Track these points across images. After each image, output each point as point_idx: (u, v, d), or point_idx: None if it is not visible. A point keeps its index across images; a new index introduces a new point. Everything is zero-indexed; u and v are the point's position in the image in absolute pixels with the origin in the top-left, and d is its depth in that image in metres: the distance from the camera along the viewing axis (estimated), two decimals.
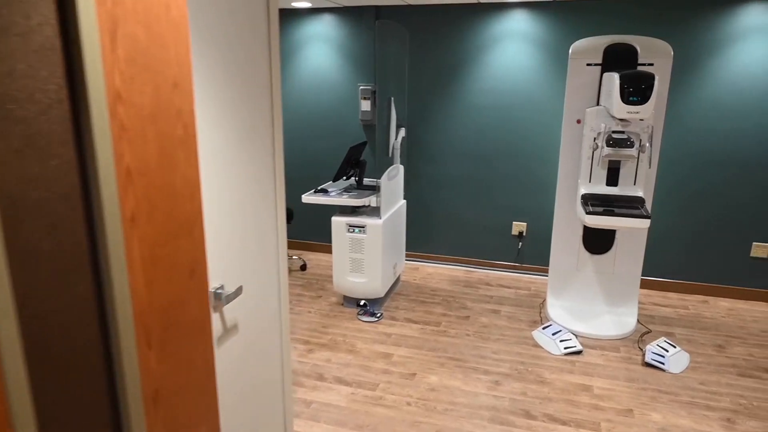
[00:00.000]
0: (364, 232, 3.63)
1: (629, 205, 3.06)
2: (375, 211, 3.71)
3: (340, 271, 3.77)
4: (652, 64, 3.17)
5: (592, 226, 2.99)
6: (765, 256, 3.94)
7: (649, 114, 2.69)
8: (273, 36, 1.48)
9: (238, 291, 1.37)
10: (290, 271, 4.61)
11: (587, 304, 3.69)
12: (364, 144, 3.93)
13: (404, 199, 4.37)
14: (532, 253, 4.49)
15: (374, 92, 4.41)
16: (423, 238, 4.74)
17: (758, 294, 4.01)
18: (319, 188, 3.84)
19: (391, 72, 4.37)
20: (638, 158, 3.06)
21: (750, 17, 3.60)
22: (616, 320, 3.54)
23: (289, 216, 4.42)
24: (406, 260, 4.82)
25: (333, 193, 3.75)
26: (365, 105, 4.44)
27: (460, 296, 4.09)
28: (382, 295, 3.76)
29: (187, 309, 0.88)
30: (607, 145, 2.99)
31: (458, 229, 4.62)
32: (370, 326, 3.59)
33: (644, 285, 4.25)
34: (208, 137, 1.25)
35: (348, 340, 3.39)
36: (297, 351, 3.24)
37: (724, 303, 4.00)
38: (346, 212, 3.75)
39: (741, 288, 4.04)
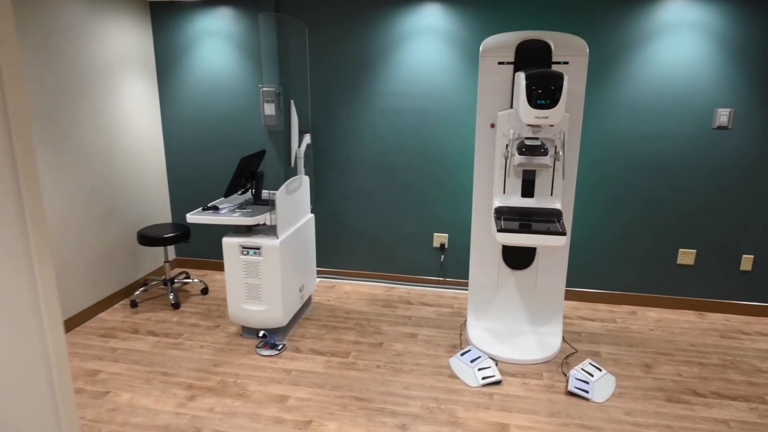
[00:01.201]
0: (259, 254, 3.19)
1: (546, 219, 2.76)
2: (272, 230, 3.28)
3: (235, 298, 3.31)
4: (567, 63, 2.88)
5: (506, 244, 2.66)
6: (691, 263, 3.77)
7: (560, 118, 2.38)
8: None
9: None
10: (189, 296, 4.09)
11: (510, 324, 3.39)
12: (260, 154, 3.48)
13: (312, 213, 3.95)
14: (456, 267, 4.17)
15: (278, 94, 3.97)
16: (339, 253, 4.34)
17: (685, 302, 3.84)
18: (208, 205, 3.36)
19: (291, 72, 3.94)
20: (554, 167, 2.77)
21: (669, 12, 3.40)
22: (540, 341, 3.25)
23: (185, 234, 3.91)
24: (323, 277, 4.40)
25: (224, 211, 3.29)
26: (269, 109, 3.99)
27: (376, 318, 3.71)
28: (285, 324, 3.33)
29: None
30: (519, 153, 2.67)
31: (377, 242, 4.25)
32: (269, 361, 3.15)
33: (572, 297, 4.01)
34: None
35: (240, 381, 2.94)
36: (176, 399, 2.76)
37: (653, 314, 3.80)
38: (240, 232, 3.29)
39: (668, 297, 3.86)
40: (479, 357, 3.11)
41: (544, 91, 2.33)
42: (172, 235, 3.83)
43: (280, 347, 3.28)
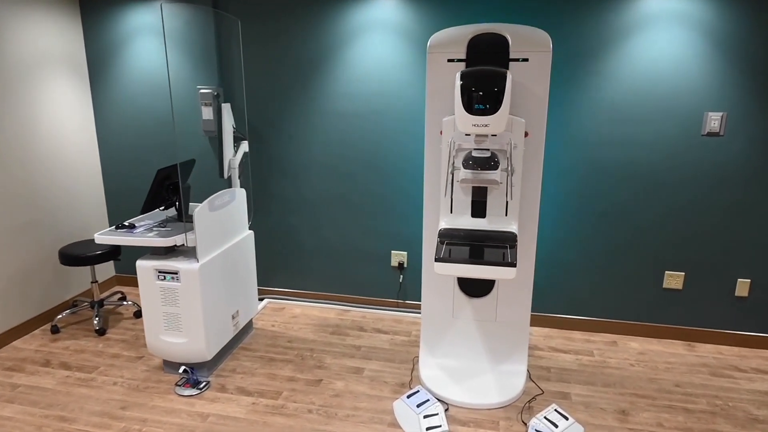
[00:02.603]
0: (177, 279, 2.78)
1: (498, 245, 2.33)
2: (193, 252, 2.87)
3: (152, 328, 2.90)
4: (527, 60, 2.45)
5: (447, 274, 2.24)
6: (679, 287, 3.33)
7: (503, 126, 1.96)
8: None
9: None
10: (120, 320, 3.69)
11: (466, 361, 2.96)
12: (186, 163, 3.07)
13: (251, 229, 3.53)
14: (416, 289, 3.74)
15: (216, 96, 3.56)
16: (288, 271, 3.92)
17: (672, 331, 3.40)
18: (125, 223, 2.95)
19: (226, 71, 3.53)
20: (507, 183, 2.34)
21: (652, 2, 2.96)
22: (500, 381, 2.83)
23: (115, 252, 3.51)
24: (273, 298, 3.99)
25: (140, 230, 2.88)
26: (206, 112, 3.59)
27: (320, 349, 3.29)
28: (209, 358, 2.92)
29: None
30: (465, 167, 2.25)
31: (330, 259, 3.83)
32: (186, 403, 2.74)
33: (546, 323, 3.58)
34: None
35: (145, 430, 2.52)
36: None
37: (635, 344, 3.36)
38: (159, 253, 2.89)
39: (653, 325, 3.42)
40: (427, 401, 2.68)
41: (484, 93, 1.91)
42: (99, 254, 3.43)
43: (203, 385, 2.87)
